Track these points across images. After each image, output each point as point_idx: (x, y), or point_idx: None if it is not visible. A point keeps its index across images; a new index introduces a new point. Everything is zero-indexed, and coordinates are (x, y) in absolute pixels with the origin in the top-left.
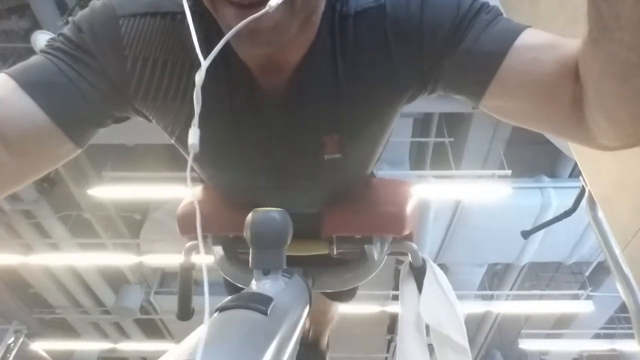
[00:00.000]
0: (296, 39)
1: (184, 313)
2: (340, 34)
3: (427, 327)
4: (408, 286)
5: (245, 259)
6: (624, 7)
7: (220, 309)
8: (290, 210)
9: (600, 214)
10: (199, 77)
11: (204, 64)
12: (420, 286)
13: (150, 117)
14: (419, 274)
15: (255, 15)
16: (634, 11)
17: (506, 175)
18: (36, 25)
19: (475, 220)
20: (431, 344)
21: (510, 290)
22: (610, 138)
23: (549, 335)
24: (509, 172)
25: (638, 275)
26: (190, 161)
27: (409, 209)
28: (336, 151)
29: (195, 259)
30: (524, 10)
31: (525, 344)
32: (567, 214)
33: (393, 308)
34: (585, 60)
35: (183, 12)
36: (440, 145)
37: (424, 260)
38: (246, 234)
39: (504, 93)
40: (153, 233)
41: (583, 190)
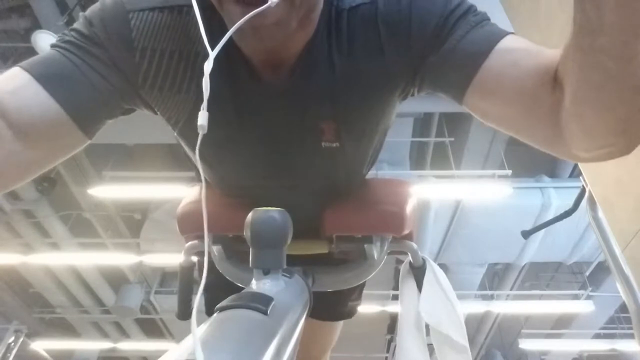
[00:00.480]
0: (296, 35)
1: (184, 313)
2: (335, 28)
3: (427, 327)
4: (408, 286)
5: (245, 258)
6: (610, 12)
7: (220, 309)
8: (290, 209)
9: (600, 214)
10: (207, 66)
11: (212, 53)
12: (420, 285)
13: (155, 108)
14: (418, 273)
15: (257, 10)
16: (618, 16)
17: (506, 175)
18: (36, 25)
19: (476, 220)
20: (431, 344)
21: (511, 290)
22: (583, 149)
23: (549, 335)
24: (509, 172)
25: (638, 275)
26: (198, 144)
27: (409, 208)
28: (334, 139)
29: (195, 258)
30: (525, 10)
31: (525, 344)
32: (568, 214)
33: (393, 308)
34: (566, 68)
35: (189, 6)
36: (440, 145)
37: (424, 260)
38: (246, 234)
39: (483, 94)
40: (153, 232)
41: (583, 190)
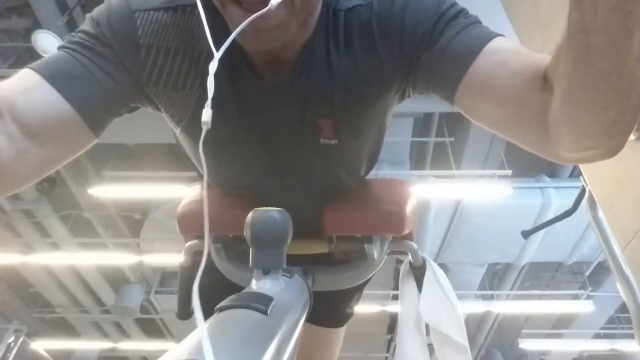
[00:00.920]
0: (296, 37)
1: (184, 312)
2: (333, 29)
3: (427, 327)
4: (408, 285)
5: (245, 258)
6: (605, 12)
7: (220, 309)
8: (290, 209)
9: (600, 214)
10: (212, 66)
11: (217, 55)
12: (420, 285)
13: (159, 105)
14: (418, 273)
15: (259, 13)
16: (614, 16)
17: (506, 175)
18: (36, 25)
19: (476, 220)
20: (431, 344)
21: (511, 290)
22: (569, 149)
23: (549, 335)
24: (509, 172)
25: (638, 275)
26: (202, 139)
27: (409, 208)
28: (332, 136)
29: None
30: (525, 10)
31: (525, 344)
32: (568, 213)
33: (393, 307)
34: (557, 68)
35: (193, 5)
36: (440, 145)
37: (424, 260)
38: (246, 234)
39: (473, 93)
40: (153, 232)
41: (583, 190)
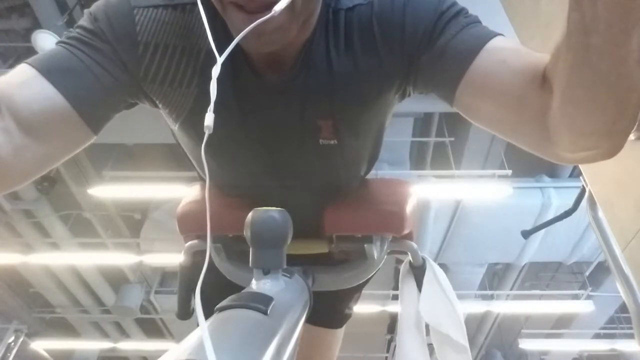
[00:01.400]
0: (296, 37)
1: (184, 312)
2: (333, 28)
3: (427, 327)
4: (408, 285)
5: (245, 258)
6: (605, 11)
7: (220, 309)
8: (290, 209)
9: (600, 214)
10: (215, 71)
11: (220, 59)
12: (420, 285)
13: (157, 102)
14: (418, 273)
15: (261, 20)
16: (613, 15)
17: (506, 175)
18: (37, 25)
19: (476, 220)
20: (431, 344)
21: (511, 290)
22: (569, 150)
23: (549, 335)
24: (509, 172)
25: (638, 275)
26: (204, 144)
27: (409, 208)
28: (331, 137)
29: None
30: (525, 11)
31: (525, 344)
32: (568, 213)
33: (393, 307)
34: (556, 67)
35: (193, 4)
36: (440, 145)
37: (424, 259)
38: (246, 234)
39: (473, 92)
40: (153, 232)
41: (583, 190)
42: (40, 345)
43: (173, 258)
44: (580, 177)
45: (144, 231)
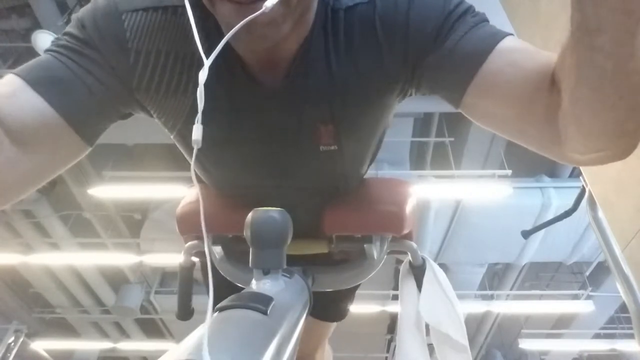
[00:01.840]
0: (290, 35)
1: (184, 313)
2: (332, 28)
3: (427, 327)
4: (408, 285)
5: (245, 258)
6: (608, 12)
7: (220, 309)
8: (290, 209)
9: (600, 214)
10: (202, 76)
11: (207, 62)
12: (420, 285)
13: (152, 112)
14: (418, 272)
15: (252, 16)
16: (617, 15)
17: (506, 175)
18: (36, 25)
19: (476, 220)
20: (431, 344)
21: (511, 290)
22: (579, 151)
23: (549, 335)
24: (509, 172)
25: (638, 275)
26: (193, 158)
27: (409, 208)
28: (332, 142)
29: (195, 258)
30: (524, 11)
31: (525, 344)
32: (568, 213)
33: (393, 308)
34: (563, 68)
35: (184, 6)
36: (440, 145)
37: (424, 259)
38: (246, 234)
39: (482, 95)
40: (153, 232)
41: (583, 190)
42: (40, 345)
43: (173, 258)
44: (580, 177)
45: (144, 231)
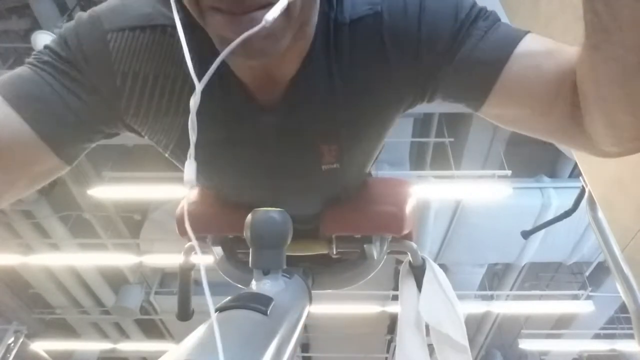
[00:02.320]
0: (290, 50)
1: (184, 313)
2: (335, 43)
3: (427, 327)
4: (408, 285)
5: (245, 259)
6: (622, 8)
7: (220, 309)
8: (289, 211)
9: (600, 214)
10: (194, 102)
11: (198, 87)
12: (419, 285)
13: (142, 133)
14: (418, 273)
15: (251, 32)
16: (633, 10)
17: (506, 176)
18: (36, 25)
19: (475, 220)
20: (431, 344)
21: (510, 290)
22: (611, 144)
23: (549, 336)
24: (509, 172)
25: (638, 275)
26: (186, 200)
27: (408, 208)
28: (334, 161)
29: (194, 259)
30: (524, 11)
31: (525, 344)
32: (567, 214)
33: (393, 308)
34: (584, 67)
35: (173, 25)
36: (440, 146)
37: (424, 260)
38: (246, 234)
39: (504, 101)
40: (153, 233)
41: (583, 191)
42: (40, 346)
43: (173, 259)
44: (580, 178)
45: (143, 232)
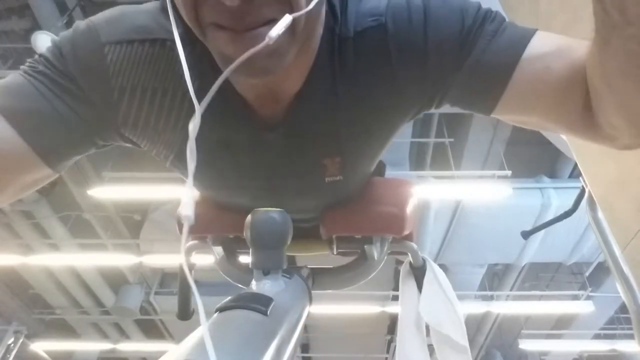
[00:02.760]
0: (293, 66)
1: (184, 313)
2: (339, 57)
3: (427, 327)
4: (408, 286)
5: (245, 259)
6: (633, 5)
7: (220, 309)
8: (290, 213)
9: (600, 215)
10: (193, 126)
11: (198, 111)
12: (420, 286)
13: (140, 145)
14: (419, 273)
15: (254, 50)
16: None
17: (506, 176)
18: (36, 26)
19: (475, 221)
20: (431, 344)
21: (511, 290)
22: (631, 135)
23: (549, 336)
24: (509, 173)
25: (638, 276)
26: (185, 229)
27: (409, 208)
28: (337, 173)
29: (195, 259)
30: (524, 10)
31: (525, 344)
32: (567, 214)
33: (393, 308)
34: (596, 62)
35: (173, 39)
36: (440, 146)
37: (424, 260)
38: (246, 235)
39: (515, 105)
40: (153, 233)
41: (583, 191)
42: (39, 346)
43: (173, 259)
44: (580, 178)
45: (143, 232)
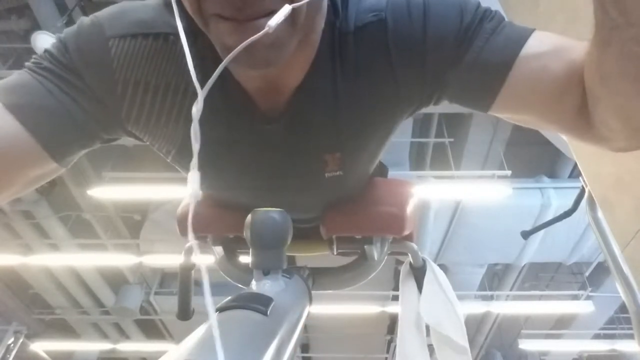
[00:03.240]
0: (294, 59)
1: (184, 313)
2: (340, 52)
3: (427, 327)
4: (408, 286)
5: (246, 259)
6: (632, 4)
7: (220, 310)
8: (290, 212)
9: (600, 214)
10: (196, 109)
11: (200, 95)
12: (420, 286)
13: (143, 139)
14: (419, 274)
15: (254, 38)
16: (637, 6)
17: (506, 176)
18: (36, 26)
19: (475, 221)
20: (431, 344)
21: (510, 290)
22: (626, 137)
23: (549, 336)
24: (509, 173)
25: (638, 275)
26: (191, 211)
27: (409, 209)
28: (337, 169)
29: (195, 259)
30: (524, 10)
31: (525, 344)
32: (567, 214)
33: (393, 308)
34: (594, 63)
35: (176, 33)
36: (440, 146)
37: (424, 260)
38: (246, 234)
39: (512, 103)
40: (153, 233)
41: (583, 191)
42: (39, 346)
43: (173, 259)
44: (580, 178)
45: (143, 232)
